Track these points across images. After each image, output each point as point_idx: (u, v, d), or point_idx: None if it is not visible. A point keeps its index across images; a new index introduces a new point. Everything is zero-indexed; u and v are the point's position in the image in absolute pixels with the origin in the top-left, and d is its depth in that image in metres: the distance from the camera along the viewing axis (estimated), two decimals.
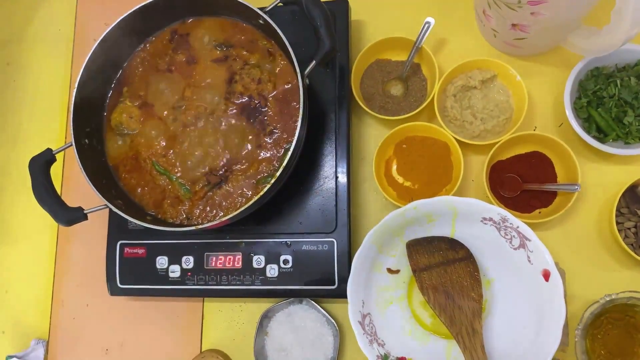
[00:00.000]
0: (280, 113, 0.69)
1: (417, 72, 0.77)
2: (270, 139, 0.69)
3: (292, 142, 0.64)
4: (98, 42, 0.69)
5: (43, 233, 0.86)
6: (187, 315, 0.80)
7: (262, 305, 0.76)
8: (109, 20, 0.89)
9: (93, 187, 0.65)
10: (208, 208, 0.69)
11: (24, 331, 0.84)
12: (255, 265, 0.72)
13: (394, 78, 0.77)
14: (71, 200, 0.67)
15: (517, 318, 0.66)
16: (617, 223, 0.68)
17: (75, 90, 0.68)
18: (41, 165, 0.66)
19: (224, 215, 0.64)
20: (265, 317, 0.75)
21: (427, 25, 0.73)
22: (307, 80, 0.65)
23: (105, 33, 0.69)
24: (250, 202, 0.63)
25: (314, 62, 0.63)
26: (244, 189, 0.68)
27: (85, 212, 0.65)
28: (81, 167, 0.66)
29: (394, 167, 0.76)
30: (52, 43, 0.93)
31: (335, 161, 0.74)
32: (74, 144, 0.67)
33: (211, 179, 0.69)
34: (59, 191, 0.67)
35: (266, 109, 0.69)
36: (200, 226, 0.63)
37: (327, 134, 0.75)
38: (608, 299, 0.62)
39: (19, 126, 0.91)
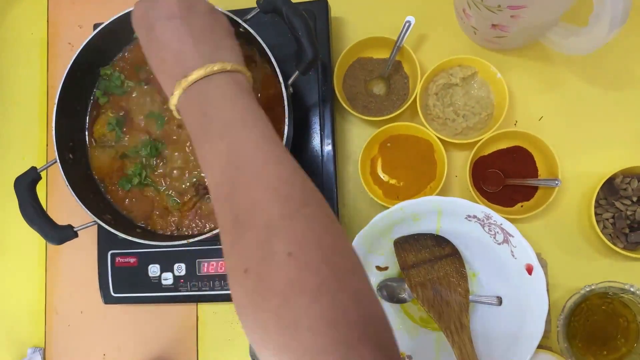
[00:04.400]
0: None
1: (398, 70, 0.78)
2: None
3: None
4: (75, 55, 0.67)
5: (31, 243, 0.86)
6: (182, 318, 0.81)
7: None
8: (83, 22, 0.89)
9: (82, 205, 0.65)
10: (197, 218, 0.69)
11: (20, 340, 0.85)
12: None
13: (376, 77, 0.78)
14: (58, 217, 0.67)
15: (503, 311, 0.69)
16: (596, 214, 0.70)
17: (55, 105, 0.67)
18: (27, 184, 0.65)
19: (215, 228, 0.65)
20: None
21: (407, 24, 0.72)
22: (290, 89, 0.65)
23: (83, 44, 0.68)
24: None
25: (297, 72, 0.63)
26: None
27: (75, 229, 0.66)
28: (67, 184, 0.65)
29: (379, 165, 0.77)
30: (25, 48, 0.90)
31: (322, 162, 0.75)
32: (58, 161, 0.66)
33: (199, 189, 0.69)
34: (44, 208, 0.67)
35: None
36: (192, 239, 0.64)
37: (312, 135, 0.75)
38: (588, 289, 0.65)
39: None
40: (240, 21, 0.65)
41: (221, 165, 0.44)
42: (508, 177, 0.74)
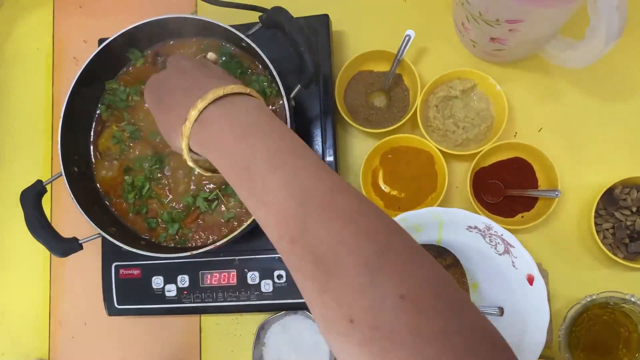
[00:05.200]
0: None
1: (399, 83, 0.79)
2: None
3: None
4: (81, 70, 0.68)
5: (36, 254, 0.87)
6: (185, 329, 0.81)
7: (259, 317, 0.78)
8: (88, 37, 0.90)
9: (86, 217, 0.66)
10: (201, 230, 0.70)
11: (24, 352, 0.85)
12: (250, 281, 0.74)
13: (377, 90, 0.79)
14: (63, 229, 0.68)
15: (504, 321, 0.69)
16: (596, 224, 0.71)
17: (60, 119, 0.68)
18: (32, 197, 0.66)
19: (218, 240, 0.65)
20: (262, 329, 0.77)
21: (407, 38, 0.74)
22: (293, 102, 0.66)
23: (88, 60, 0.69)
24: (245, 225, 0.64)
25: (299, 86, 0.64)
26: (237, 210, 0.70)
27: (80, 242, 0.66)
28: (73, 197, 0.66)
29: (381, 177, 0.78)
30: (31, 62, 0.91)
31: None
32: (64, 174, 0.67)
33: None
34: (49, 220, 0.68)
35: None
36: (195, 251, 0.64)
37: (314, 147, 0.76)
38: (589, 299, 0.66)
39: (2, 149, 0.90)
40: (242, 36, 0.66)
41: (279, 201, 0.38)
42: (508, 188, 0.75)
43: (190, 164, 0.48)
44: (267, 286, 0.74)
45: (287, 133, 0.43)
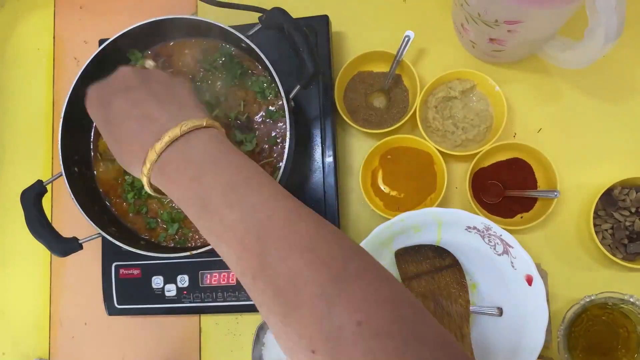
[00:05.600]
0: (267, 134, 0.70)
1: (398, 84, 0.79)
2: (259, 158, 0.70)
3: (281, 161, 0.66)
4: (81, 70, 0.69)
5: (36, 254, 0.87)
6: (185, 329, 0.82)
7: (259, 317, 0.79)
8: (88, 38, 0.90)
9: (86, 217, 0.66)
10: None
11: (24, 352, 0.86)
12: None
13: (377, 90, 0.79)
14: (63, 229, 0.68)
15: (503, 321, 0.70)
16: (595, 225, 0.71)
17: (61, 120, 0.68)
18: (33, 197, 0.66)
19: None
20: (262, 329, 0.77)
21: (407, 39, 0.74)
22: (292, 103, 0.66)
23: (88, 60, 0.69)
24: None
25: (298, 86, 0.64)
26: None
27: (80, 241, 0.66)
28: (73, 197, 0.66)
29: (380, 177, 0.78)
30: (31, 63, 0.92)
31: (323, 174, 0.76)
32: (64, 174, 0.67)
33: None
34: (49, 220, 0.68)
35: (254, 130, 0.70)
36: (195, 251, 0.65)
37: (314, 148, 0.76)
38: (588, 300, 0.66)
39: (3, 149, 0.91)
40: (242, 37, 0.66)
41: (238, 237, 0.39)
42: (507, 189, 0.75)
43: (153, 193, 0.48)
44: None
45: (242, 164, 0.43)
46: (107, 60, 0.71)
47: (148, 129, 0.44)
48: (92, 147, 0.74)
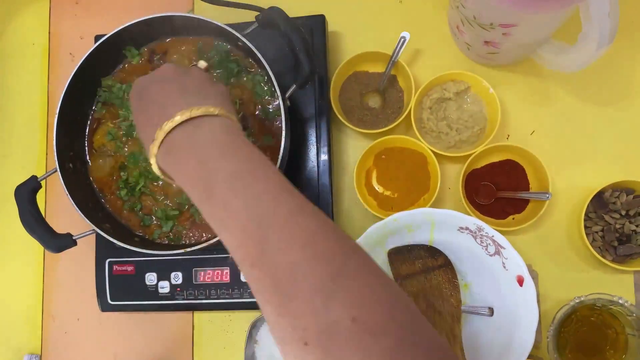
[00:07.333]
0: (262, 132, 0.71)
1: (393, 84, 0.79)
2: None
3: (276, 160, 0.66)
4: (77, 67, 0.68)
5: (30, 250, 0.87)
6: (178, 326, 0.82)
7: (251, 314, 0.79)
8: (84, 33, 0.90)
9: (81, 214, 0.66)
10: (195, 228, 0.70)
11: (16, 346, 0.86)
12: (243, 279, 0.75)
13: (372, 90, 0.79)
14: (57, 224, 0.68)
15: (494, 321, 0.70)
16: (585, 227, 0.72)
17: (56, 115, 0.68)
18: (27, 193, 0.66)
19: (212, 237, 0.66)
20: (254, 327, 0.77)
21: (402, 39, 0.74)
22: (288, 102, 0.66)
23: (84, 57, 0.69)
24: None
25: (294, 86, 0.65)
26: None
27: (74, 238, 0.67)
28: (68, 194, 0.66)
29: (374, 177, 0.78)
30: (27, 58, 0.91)
31: (318, 173, 0.76)
32: (58, 170, 0.67)
33: None
34: (43, 215, 0.68)
35: (249, 128, 0.71)
36: (189, 249, 0.65)
37: (309, 147, 0.77)
38: (578, 301, 0.67)
39: None
40: (239, 35, 0.66)
41: (240, 224, 0.39)
42: (500, 190, 0.75)
43: (160, 175, 0.48)
44: None
45: (251, 154, 0.43)
46: (103, 57, 0.71)
47: (164, 113, 0.45)
48: (86, 143, 0.74)
